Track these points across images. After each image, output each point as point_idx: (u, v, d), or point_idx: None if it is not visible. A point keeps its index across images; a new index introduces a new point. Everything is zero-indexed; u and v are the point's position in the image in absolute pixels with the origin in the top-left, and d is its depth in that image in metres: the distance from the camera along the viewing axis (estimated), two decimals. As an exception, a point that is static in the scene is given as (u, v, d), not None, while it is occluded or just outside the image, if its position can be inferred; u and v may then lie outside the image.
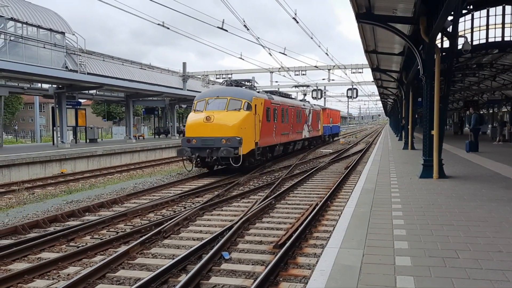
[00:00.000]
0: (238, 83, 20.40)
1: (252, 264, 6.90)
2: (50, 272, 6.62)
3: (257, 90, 20.56)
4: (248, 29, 19.35)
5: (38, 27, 27.66)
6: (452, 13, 10.22)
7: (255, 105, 17.96)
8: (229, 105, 17.36)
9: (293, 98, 28.69)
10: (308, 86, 36.63)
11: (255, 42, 21.93)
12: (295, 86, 35.73)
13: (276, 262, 6.47)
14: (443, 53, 11.21)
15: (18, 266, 6.90)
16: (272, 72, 41.88)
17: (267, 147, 20.10)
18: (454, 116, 65.35)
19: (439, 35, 11.28)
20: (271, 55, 25.22)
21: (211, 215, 10.62)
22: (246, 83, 21.01)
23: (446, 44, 11.47)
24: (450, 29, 10.73)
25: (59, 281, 6.32)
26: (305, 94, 35.82)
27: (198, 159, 17.41)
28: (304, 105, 29.43)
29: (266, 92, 23.61)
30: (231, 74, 44.64)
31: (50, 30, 28.43)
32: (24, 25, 26.78)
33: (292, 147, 26.11)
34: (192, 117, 17.88)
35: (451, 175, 11.62)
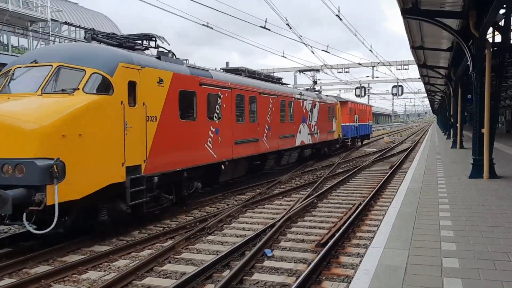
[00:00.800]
0: (124, 41, 9.91)
1: (295, 262, 6.94)
2: (101, 265, 6.96)
3: (158, 56, 10.02)
4: (290, 28, 19.35)
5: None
6: (505, 6, 9.79)
7: (131, 82, 8.53)
8: (51, 80, 7.88)
9: (282, 84, 18.60)
10: (318, 70, 26.06)
11: (297, 40, 21.91)
12: (300, 71, 25.36)
13: (318, 261, 6.48)
14: (495, 48, 10.75)
15: (73, 258, 7.29)
16: (316, 70, 41.57)
17: (184, 172, 10.29)
18: (506, 114, 62.23)
19: (490, 29, 10.83)
20: (313, 53, 25.10)
21: (253, 212, 10.74)
22: (138, 41, 10.28)
23: (498, 38, 10.97)
24: (502, 22, 10.28)
25: (110, 273, 6.63)
26: (315, 82, 25.34)
27: None
28: (301, 94, 19.14)
29: (229, 70, 15.24)
30: (273, 72, 44.75)
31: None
32: (77, 29, 28.03)
33: (273, 160, 16.55)
34: None
35: (503, 175, 11.13)
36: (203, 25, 17.43)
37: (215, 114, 11.82)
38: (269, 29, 18.60)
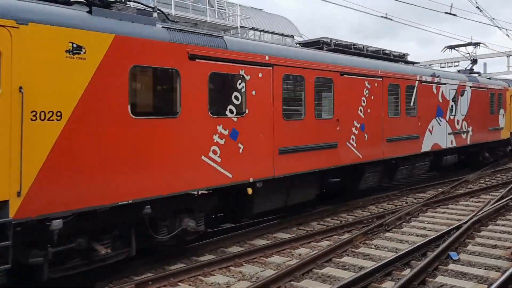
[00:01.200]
0: None
1: (485, 269, 6.38)
2: (285, 251, 7.54)
3: (90, 9, 5.81)
4: (481, 10, 17.40)
5: (272, 33, 31.47)
6: None
7: None
8: None
9: (406, 62, 13.08)
10: (477, 44, 17.71)
11: (489, 24, 19.53)
12: (450, 47, 17.79)
13: (515, 270, 5.81)
14: None
15: (260, 242, 8.06)
16: (510, 55, 36.26)
17: (145, 205, 6.16)
18: None
19: None
20: (509, 36, 22.00)
21: (435, 212, 10.16)
22: None
23: None
24: None
25: (292, 259, 7.13)
26: (474, 61, 17.78)
27: None
28: (434, 75, 13.14)
29: (308, 43, 11.25)
30: (458, 62, 40.69)
31: (282, 34, 32.05)
32: (262, 33, 30.78)
33: (376, 175, 11.05)
34: None
35: None
36: (381, 16, 16.96)
37: (231, 107, 7.43)
38: (455, 15, 17.02)
